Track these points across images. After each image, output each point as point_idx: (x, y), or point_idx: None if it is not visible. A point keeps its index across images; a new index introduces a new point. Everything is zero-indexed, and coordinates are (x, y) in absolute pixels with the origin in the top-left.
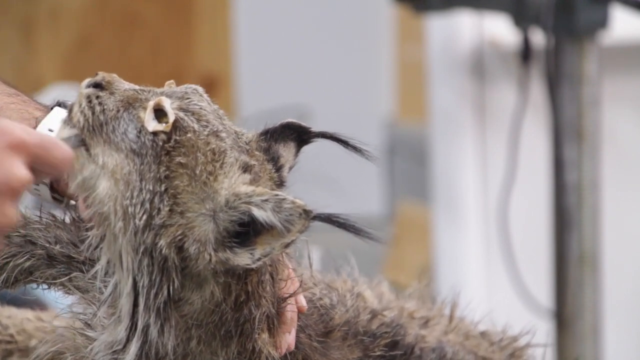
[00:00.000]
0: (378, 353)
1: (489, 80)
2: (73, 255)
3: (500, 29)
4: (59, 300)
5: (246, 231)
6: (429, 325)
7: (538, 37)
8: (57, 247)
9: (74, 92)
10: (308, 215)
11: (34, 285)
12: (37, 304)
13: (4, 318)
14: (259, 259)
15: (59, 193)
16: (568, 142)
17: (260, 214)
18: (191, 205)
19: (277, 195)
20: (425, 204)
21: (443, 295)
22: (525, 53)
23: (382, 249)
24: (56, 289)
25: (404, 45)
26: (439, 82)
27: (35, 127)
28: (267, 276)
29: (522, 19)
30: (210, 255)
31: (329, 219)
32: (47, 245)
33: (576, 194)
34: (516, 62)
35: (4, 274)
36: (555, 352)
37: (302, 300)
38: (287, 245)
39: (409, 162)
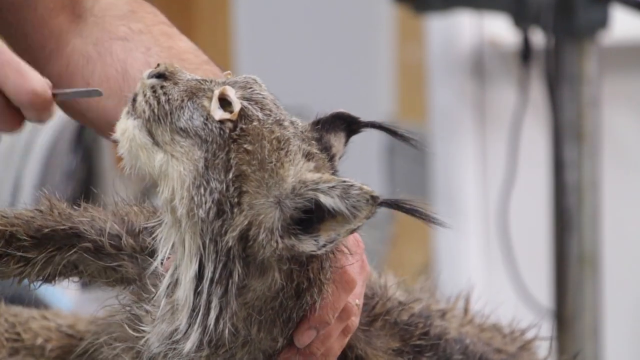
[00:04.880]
0: (417, 342)
1: (489, 80)
2: (123, 247)
3: (500, 29)
4: (61, 299)
5: (308, 218)
6: (446, 317)
7: (538, 37)
8: (105, 239)
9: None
10: (375, 201)
11: (76, 279)
12: (40, 303)
13: (10, 316)
14: (324, 245)
15: None
16: (568, 142)
17: (327, 200)
18: (258, 192)
19: (344, 181)
20: (425, 204)
21: (456, 289)
22: (525, 53)
23: (382, 248)
24: (99, 283)
25: (404, 45)
26: (439, 82)
27: None
28: (328, 263)
29: (522, 19)
30: (277, 242)
31: (396, 205)
32: (95, 237)
33: (576, 194)
34: (516, 62)
35: (50, 268)
36: (555, 352)
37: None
38: (352, 231)
39: (409, 162)
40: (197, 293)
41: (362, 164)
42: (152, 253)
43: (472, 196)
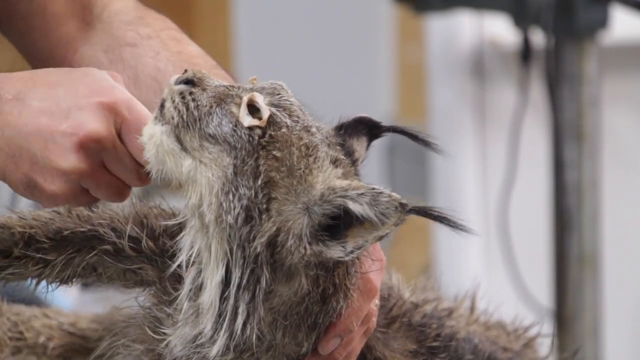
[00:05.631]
0: (433, 344)
1: (489, 80)
2: (143, 250)
3: (500, 29)
4: (62, 299)
5: (336, 224)
6: (453, 317)
7: (538, 37)
8: (125, 241)
9: None
10: (404, 209)
11: (95, 281)
12: (41, 303)
13: (13, 315)
14: (351, 252)
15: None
16: (568, 142)
17: (356, 207)
18: (286, 198)
19: (373, 188)
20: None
21: (457, 290)
22: (525, 53)
23: (383, 250)
24: (117, 285)
25: (404, 45)
26: (439, 82)
27: None
28: (354, 269)
29: (522, 19)
30: (305, 248)
31: (425, 212)
32: (114, 240)
33: (576, 194)
34: (516, 62)
35: (69, 270)
36: (555, 352)
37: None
38: (380, 238)
39: (409, 162)
40: (223, 298)
41: (363, 164)
42: (173, 256)
43: (472, 196)
